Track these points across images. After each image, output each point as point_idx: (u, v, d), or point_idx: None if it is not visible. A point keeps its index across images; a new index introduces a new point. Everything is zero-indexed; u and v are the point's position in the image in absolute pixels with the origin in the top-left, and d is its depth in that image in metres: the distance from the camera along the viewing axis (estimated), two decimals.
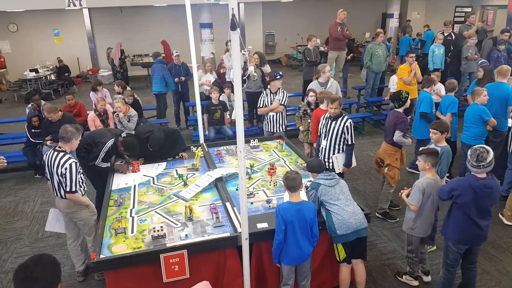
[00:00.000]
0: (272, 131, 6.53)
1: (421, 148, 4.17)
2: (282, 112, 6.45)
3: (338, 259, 3.83)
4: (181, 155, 5.54)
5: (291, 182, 3.48)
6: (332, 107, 4.97)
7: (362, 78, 10.29)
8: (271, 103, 6.44)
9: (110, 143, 4.88)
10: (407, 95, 5.13)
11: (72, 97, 7.71)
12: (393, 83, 8.35)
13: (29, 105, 7.67)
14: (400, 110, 5.20)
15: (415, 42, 13.59)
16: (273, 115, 6.48)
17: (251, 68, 8.11)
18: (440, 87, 7.98)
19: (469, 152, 3.48)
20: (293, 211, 3.44)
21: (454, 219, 3.61)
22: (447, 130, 4.54)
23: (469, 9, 15.96)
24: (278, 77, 6.49)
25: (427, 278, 4.29)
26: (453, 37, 10.31)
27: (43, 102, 7.84)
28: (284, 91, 6.51)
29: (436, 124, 4.56)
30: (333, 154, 5.11)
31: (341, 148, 5.09)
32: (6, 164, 3.44)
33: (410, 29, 15.88)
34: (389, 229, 5.25)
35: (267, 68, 8.77)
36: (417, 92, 7.98)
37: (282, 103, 6.39)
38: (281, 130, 6.48)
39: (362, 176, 6.80)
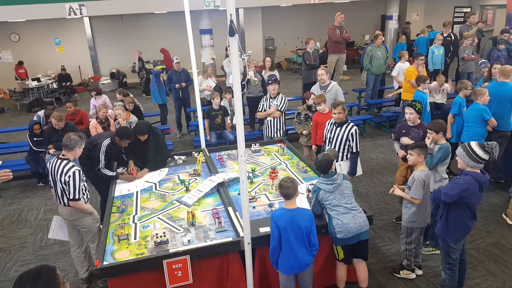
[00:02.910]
0: (270, 136, 6.51)
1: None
2: (280, 118, 6.41)
3: (337, 257, 3.87)
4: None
5: (285, 190, 3.44)
6: (335, 112, 4.90)
7: (362, 81, 10.30)
8: (270, 108, 6.44)
9: (106, 142, 4.87)
10: (420, 108, 4.83)
11: (71, 105, 7.75)
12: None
13: (39, 113, 7.68)
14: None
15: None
16: (271, 120, 6.45)
17: (250, 73, 8.12)
18: (447, 88, 7.98)
19: (473, 147, 3.42)
20: (286, 217, 3.41)
21: (456, 219, 3.58)
22: (442, 130, 4.44)
23: (468, 9, 15.97)
24: (270, 82, 6.43)
25: (419, 272, 4.37)
26: (453, 37, 10.32)
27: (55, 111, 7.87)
28: (283, 96, 6.47)
29: (430, 124, 4.53)
30: (337, 161, 5.04)
31: (345, 155, 5.05)
32: (12, 176, 3.45)
33: (409, 30, 15.90)
34: (392, 231, 5.23)
35: (275, 73, 8.61)
36: None
37: (279, 108, 6.34)
38: (280, 135, 6.44)
39: (364, 178, 6.78)
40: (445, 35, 10.17)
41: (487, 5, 18.64)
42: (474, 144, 3.46)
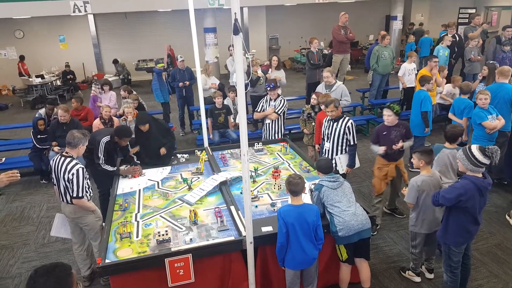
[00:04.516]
0: (268, 138, 6.45)
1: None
2: (278, 120, 6.31)
3: (340, 259, 3.87)
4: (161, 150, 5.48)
5: (294, 187, 3.48)
6: (328, 111, 5.08)
7: (368, 81, 10.27)
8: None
9: (105, 139, 4.91)
10: (398, 109, 4.92)
11: (75, 101, 7.77)
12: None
13: (41, 111, 7.70)
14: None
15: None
16: (269, 123, 6.37)
17: (259, 71, 8.08)
18: (456, 91, 7.91)
19: (474, 151, 3.38)
20: (294, 213, 3.44)
21: (456, 223, 3.56)
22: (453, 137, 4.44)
23: (473, 10, 15.87)
24: (269, 89, 6.29)
25: (429, 275, 4.34)
26: (457, 38, 10.26)
27: (55, 110, 7.89)
28: (283, 99, 6.31)
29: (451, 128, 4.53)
30: (337, 155, 5.16)
31: (344, 149, 5.16)
32: (19, 177, 3.46)
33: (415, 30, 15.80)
34: (394, 231, 5.22)
35: (280, 73, 8.48)
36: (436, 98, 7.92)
37: (277, 111, 6.23)
38: (278, 138, 6.38)
39: (368, 178, 6.76)
40: (449, 35, 10.12)
41: (492, 6, 18.56)
42: (474, 148, 3.40)
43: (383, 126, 5.05)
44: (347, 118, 5.09)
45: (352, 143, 5.08)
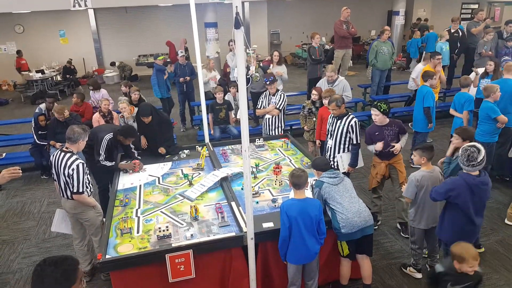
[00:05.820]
0: (268, 134, 6.44)
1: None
2: (278, 115, 6.28)
3: (341, 254, 3.86)
4: (160, 150, 5.53)
5: (297, 180, 3.49)
6: (330, 108, 5.02)
7: (367, 76, 10.22)
8: (269, 105, 6.36)
9: (108, 136, 4.91)
10: (386, 108, 4.70)
11: (76, 96, 7.73)
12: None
13: (41, 106, 7.67)
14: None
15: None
16: (269, 118, 6.34)
17: (252, 68, 8.04)
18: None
19: (460, 152, 3.50)
20: (297, 207, 3.44)
21: (450, 219, 3.60)
22: (470, 138, 4.24)
23: (476, 6, 15.78)
24: (268, 82, 6.26)
25: None
26: (460, 34, 10.20)
27: (56, 104, 7.85)
28: (283, 94, 6.28)
29: (459, 129, 4.37)
30: (339, 153, 5.09)
31: (346, 148, 5.07)
32: (21, 174, 3.45)
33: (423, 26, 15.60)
34: (395, 228, 5.20)
35: (282, 68, 8.41)
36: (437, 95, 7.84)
37: (278, 107, 6.21)
38: (278, 133, 6.35)
39: (369, 174, 6.72)
40: (452, 31, 10.05)
41: (494, 1, 18.42)
42: (463, 150, 3.46)
43: (374, 126, 4.89)
44: (351, 116, 4.96)
45: (355, 142, 4.97)
